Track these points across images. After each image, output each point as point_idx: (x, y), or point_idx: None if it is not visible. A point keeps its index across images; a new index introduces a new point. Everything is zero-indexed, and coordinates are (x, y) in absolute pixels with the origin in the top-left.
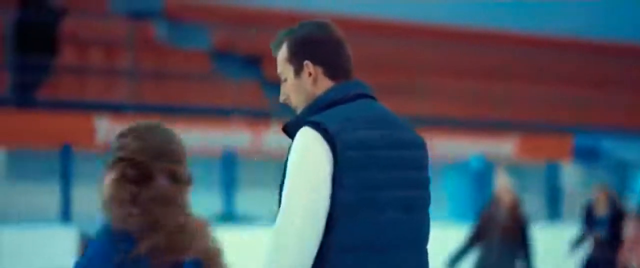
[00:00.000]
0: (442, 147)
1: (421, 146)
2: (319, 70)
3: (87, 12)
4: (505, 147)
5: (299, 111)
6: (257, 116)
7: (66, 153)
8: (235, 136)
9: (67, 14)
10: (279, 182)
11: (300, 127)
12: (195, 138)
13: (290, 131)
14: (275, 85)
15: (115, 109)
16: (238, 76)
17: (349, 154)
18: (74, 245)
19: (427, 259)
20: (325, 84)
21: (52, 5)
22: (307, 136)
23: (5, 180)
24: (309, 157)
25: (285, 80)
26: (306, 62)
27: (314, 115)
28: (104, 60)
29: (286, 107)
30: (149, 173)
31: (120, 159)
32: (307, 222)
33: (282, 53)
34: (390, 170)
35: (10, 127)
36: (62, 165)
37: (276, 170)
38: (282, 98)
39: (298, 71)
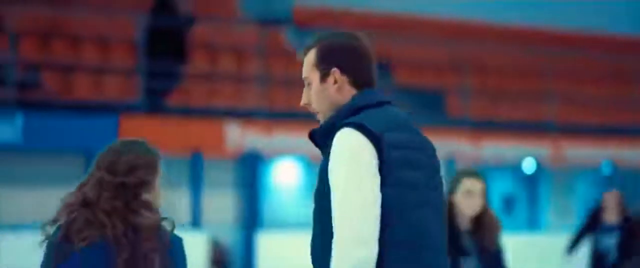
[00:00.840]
0: (572, 154)
1: (435, 151)
2: (345, 78)
3: (218, 19)
4: (636, 152)
5: (320, 116)
6: None
7: (196, 159)
8: None
9: (198, 20)
10: (316, 188)
11: (333, 131)
12: None
13: (320, 136)
14: (403, 91)
15: (245, 115)
16: None
17: (393, 154)
18: (203, 251)
19: (447, 260)
20: (348, 91)
21: (183, 11)
22: (351, 136)
23: None
24: (357, 155)
25: (309, 84)
26: (334, 69)
27: (346, 118)
28: (234, 66)
29: (415, 114)
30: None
31: None
32: (371, 214)
33: (310, 58)
34: (420, 171)
35: (141, 133)
36: (192, 171)
37: None
38: (303, 102)
39: (324, 77)
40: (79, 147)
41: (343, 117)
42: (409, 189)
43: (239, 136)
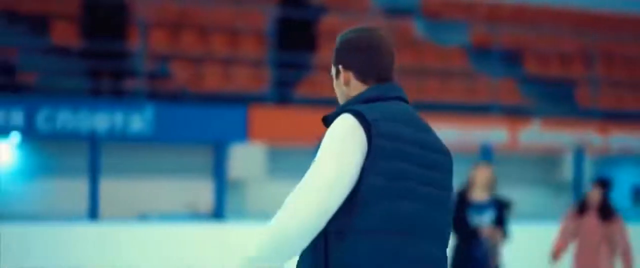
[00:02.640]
0: None
1: (447, 154)
2: (351, 74)
3: (347, 10)
4: None
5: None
6: (515, 112)
7: None
8: (492, 132)
9: (328, 11)
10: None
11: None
12: (453, 134)
13: (330, 122)
14: (532, 82)
15: None
16: (496, 72)
17: (382, 143)
18: None
19: (444, 254)
20: (356, 86)
21: (313, 2)
22: (345, 121)
23: (266, 175)
24: (346, 140)
25: (332, 77)
26: (340, 66)
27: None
28: None
29: (544, 104)
30: None
31: None
32: (324, 197)
33: (332, 56)
34: (416, 166)
35: (271, 123)
36: None
37: (532, 167)
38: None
39: (337, 73)
40: (208, 138)
41: (351, 106)
42: (394, 180)
43: None
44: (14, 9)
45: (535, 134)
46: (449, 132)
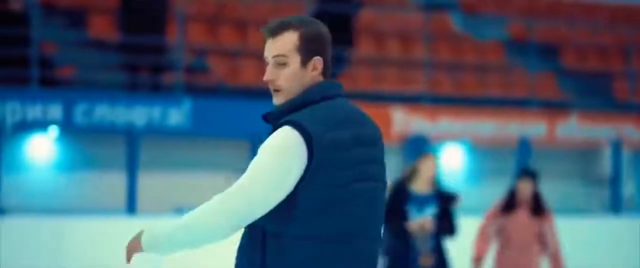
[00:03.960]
0: None
1: (380, 138)
2: (320, 67)
3: (385, 4)
4: None
5: (281, 95)
6: (552, 106)
7: None
8: (530, 126)
9: (365, 6)
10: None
11: (281, 119)
12: (491, 128)
13: (271, 120)
14: (570, 75)
15: (411, 100)
16: (533, 66)
17: (322, 156)
18: None
19: (379, 247)
20: (317, 79)
21: None
22: (289, 135)
23: None
24: (286, 152)
25: (284, 65)
26: (317, 57)
27: (295, 112)
28: (401, 51)
29: (582, 98)
30: None
31: None
32: (258, 201)
33: (290, 39)
34: (357, 166)
35: None
36: None
37: (570, 161)
38: (267, 78)
39: (305, 63)
40: (245, 132)
41: (294, 109)
42: (332, 189)
43: (404, 121)
44: (52, 3)
45: (573, 128)
46: (486, 126)
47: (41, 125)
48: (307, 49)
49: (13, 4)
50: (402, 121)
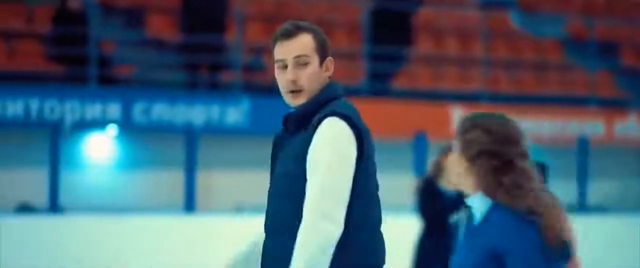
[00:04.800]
0: None
1: None
2: (332, 68)
3: (444, 2)
4: None
5: (302, 96)
6: (611, 105)
7: (420, 142)
8: (589, 125)
9: (424, 3)
10: (287, 168)
11: (318, 117)
12: (549, 127)
13: (300, 120)
14: (629, 74)
15: (469, 99)
16: (592, 65)
17: (368, 146)
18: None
19: None
20: (328, 80)
21: None
22: (340, 126)
23: None
24: (347, 144)
25: (306, 65)
26: (330, 58)
27: (324, 107)
28: (459, 49)
29: None
30: (509, 159)
31: (480, 152)
32: (343, 198)
33: (309, 41)
34: (375, 161)
35: (365, 116)
36: (416, 154)
37: (629, 160)
38: (291, 78)
39: (322, 63)
40: None
41: (321, 105)
42: (372, 177)
43: None
44: (110, 3)
45: (632, 127)
46: (545, 125)
47: (100, 124)
48: (323, 50)
49: (72, 3)
50: (460, 119)
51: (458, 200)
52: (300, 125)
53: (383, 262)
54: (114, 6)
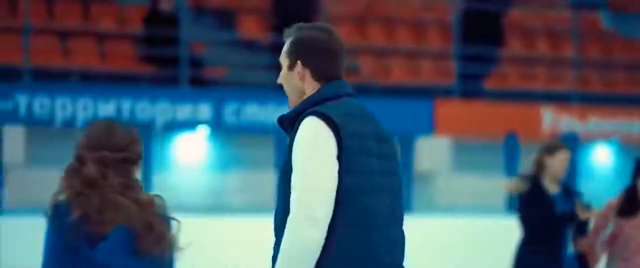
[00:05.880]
0: None
1: (393, 139)
2: (307, 71)
3: (534, 3)
4: None
5: (289, 99)
6: None
7: (511, 143)
8: None
9: (515, 4)
10: (282, 166)
11: (300, 118)
12: None
13: (288, 122)
14: None
15: (560, 99)
16: None
17: (350, 142)
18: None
19: (404, 236)
20: (310, 82)
21: None
22: (314, 124)
23: (452, 169)
24: (319, 141)
25: (281, 68)
26: (298, 61)
27: (311, 108)
28: (550, 50)
29: None
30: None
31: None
32: (325, 197)
33: (286, 45)
34: (379, 159)
35: (456, 116)
36: (506, 155)
37: None
38: (279, 81)
39: (291, 66)
40: (393, 131)
41: (308, 107)
42: (363, 175)
43: (553, 120)
44: (201, 4)
45: None
46: (636, 125)
47: (191, 124)
48: (292, 53)
49: (164, 4)
50: (551, 120)
51: (559, 203)
52: (291, 127)
53: (377, 258)
54: (205, 7)
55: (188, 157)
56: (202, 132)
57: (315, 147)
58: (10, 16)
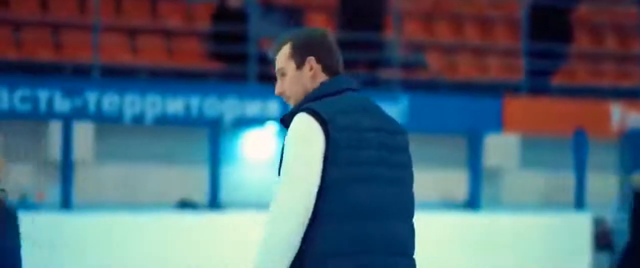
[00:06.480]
0: None
1: (403, 132)
2: (319, 66)
3: None
4: None
5: (292, 102)
6: None
7: (579, 139)
8: None
9: (582, 0)
10: (278, 164)
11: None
12: None
13: (287, 122)
14: None
15: (629, 95)
16: None
17: (339, 136)
18: (588, 232)
19: (413, 230)
20: (320, 78)
21: None
22: (303, 120)
23: (519, 166)
24: (306, 137)
25: (284, 75)
26: (309, 58)
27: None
28: (618, 46)
29: None
30: None
31: None
32: (302, 191)
33: (284, 51)
34: (376, 151)
35: (525, 113)
36: (574, 151)
37: None
38: (277, 92)
39: (299, 66)
40: (462, 128)
41: (306, 104)
42: (352, 167)
43: (622, 116)
44: (269, 0)
45: None
46: None
47: (259, 121)
48: (300, 53)
49: (232, 1)
50: (619, 116)
51: None
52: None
53: (371, 252)
54: (273, 4)
55: (256, 154)
56: (270, 128)
57: (302, 142)
58: (79, 14)
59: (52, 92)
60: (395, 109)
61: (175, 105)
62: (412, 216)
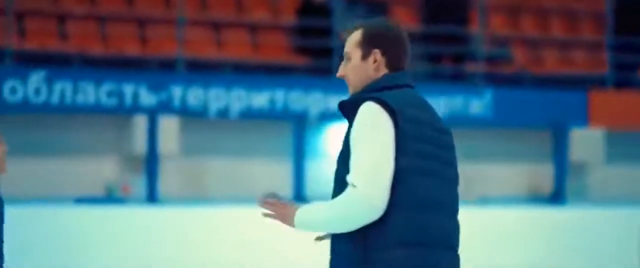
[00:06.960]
0: None
1: (450, 132)
2: (383, 59)
3: None
4: None
5: (351, 89)
6: None
7: None
8: None
9: None
10: (340, 153)
11: (358, 104)
12: None
13: (348, 108)
14: None
15: None
16: None
17: (407, 127)
18: None
19: (458, 225)
20: (383, 71)
21: None
22: (372, 108)
23: (605, 160)
24: (378, 124)
25: (349, 60)
26: (375, 50)
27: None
28: None
29: None
30: None
31: None
32: (382, 175)
33: (355, 37)
34: (434, 148)
35: (610, 107)
36: None
37: None
38: (339, 74)
39: (365, 56)
40: (547, 122)
41: (367, 94)
42: (418, 159)
43: None
44: None
45: None
46: None
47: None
48: (368, 43)
49: None
50: None
51: None
52: (351, 114)
53: (428, 241)
54: None
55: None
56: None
57: (376, 129)
58: (165, 8)
59: (137, 86)
60: (479, 103)
61: (260, 99)
62: (458, 212)
